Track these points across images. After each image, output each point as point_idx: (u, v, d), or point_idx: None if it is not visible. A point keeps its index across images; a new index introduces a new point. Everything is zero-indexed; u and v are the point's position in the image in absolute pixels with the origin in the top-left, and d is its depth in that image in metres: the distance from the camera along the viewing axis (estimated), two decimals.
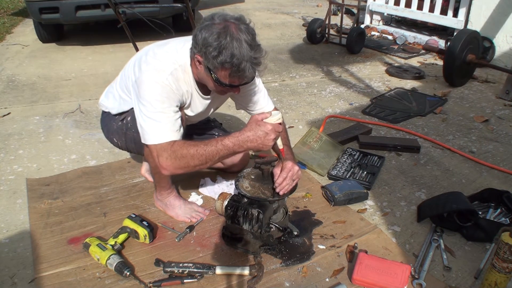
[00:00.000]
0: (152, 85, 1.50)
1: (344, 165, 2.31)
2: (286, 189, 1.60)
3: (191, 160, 1.49)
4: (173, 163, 1.50)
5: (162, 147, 1.50)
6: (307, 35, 4.90)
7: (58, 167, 2.33)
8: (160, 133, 1.50)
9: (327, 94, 3.42)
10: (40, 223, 1.84)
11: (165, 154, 1.49)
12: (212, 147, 1.49)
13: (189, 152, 1.49)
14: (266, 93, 1.87)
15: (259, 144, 1.47)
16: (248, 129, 1.46)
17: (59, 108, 3.14)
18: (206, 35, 1.39)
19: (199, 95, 1.68)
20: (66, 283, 1.52)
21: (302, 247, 1.70)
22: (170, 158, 1.49)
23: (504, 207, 1.88)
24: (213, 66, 1.42)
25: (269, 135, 1.45)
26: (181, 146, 1.50)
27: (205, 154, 1.49)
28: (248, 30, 1.41)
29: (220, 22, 1.40)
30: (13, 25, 5.95)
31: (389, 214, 1.93)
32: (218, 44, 1.37)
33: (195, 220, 1.85)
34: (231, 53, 1.37)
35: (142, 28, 3.17)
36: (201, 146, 1.49)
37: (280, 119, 1.48)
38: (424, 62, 4.27)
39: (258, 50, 1.42)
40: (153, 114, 1.50)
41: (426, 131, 2.77)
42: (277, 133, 1.47)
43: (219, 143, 1.49)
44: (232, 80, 1.46)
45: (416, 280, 1.52)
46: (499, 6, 3.96)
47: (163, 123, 1.50)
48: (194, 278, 1.52)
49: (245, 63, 1.39)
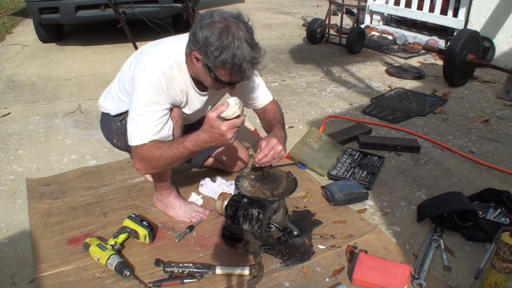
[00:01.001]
0: (141, 86, 1.53)
1: (344, 165, 2.31)
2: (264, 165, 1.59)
3: (157, 162, 1.54)
4: (143, 165, 1.57)
5: (134, 149, 1.56)
6: (307, 35, 4.90)
7: (58, 167, 2.33)
8: (135, 136, 1.54)
9: (327, 94, 3.42)
10: (40, 223, 1.84)
11: (136, 156, 1.57)
12: (174, 150, 1.52)
13: (154, 155, 1.52)
14: (263, 84, 1.88)
15: (218, 143, 1.46)
16: (204, 131, 1.44)
17: (59, 108, 3.14)
18: (207, 34, 1.39)
19: (196, 92, 1.69)
20: (66, 283, 1.52)
21: (302, 247, 1.70)
22: (140, 161, 1.56)
23: (504, 207, 1.88)
24: (213, 65, 1.43)
25: (225, 135, 1.41)
26: (148, 148, 1.53)
27: (168, 156, 1.52)
28: (247, 28, 1.42)
29: (221, 21, 1.40)
30: (13, 25, 5.95)
31: (389, 214, 1.93)
32: (220, 44, 1.37)
33: (195, 220, 1.85)
34: (233, 54, 1.37)
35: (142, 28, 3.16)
36: (164, 149, 1.52)
37: (237, 111, 1.38)
38: (424, 62, 4.27)
39: (257, 50, 1.43)
40: (136, 116, 1.55)
41: (426, 131, 2.77)
42: (235, 130, 1.42)
43: (180, 146, 1.51)
44: (231, 79, 1.48)
45: (416, 280, 1.52)
46: (499, 6, 3.96)
47: (141, 126, 1.53)
48: (194, 278, 1.52)
49: (246, 64, 1.40)
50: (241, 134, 2.68)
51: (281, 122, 1.84)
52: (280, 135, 1.67)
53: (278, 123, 1.80)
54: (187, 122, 1.84)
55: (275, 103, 1.93)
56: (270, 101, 1.91)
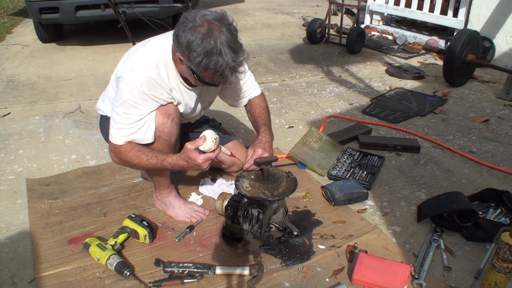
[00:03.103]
0: (122, 88, 1.57)
1: (344, 165, 2.31)
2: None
3: (131, 164, 1.67)
4: (117, 159, 1.69)
5: (111, 145, 1.66)
6: (307, 35, 4.90)
7: (58, 167, 2.33)
8: (113, 133, 1.63)
9: (327, 94, 3.42)
10: (40, 223, 1.84)
11: (112, 150, 1.68)
12: (152, 162, 1.60)
13: (132, 160, 1.63)
14: (251, 78, 1.95)
15: (195, 169, 1.61)
16: (182, 159, 1.54)
17: (59, 108, 3.14)
18: (190, 39, 1.39)
19: (185, 87, 1.70)
20: (66, 283, 1.52)
21: (302, 247, 1.70)
22: (115, 155, 1.68)
23: (504, 207, 1.88)
24: (196, 69, 1.46)
25: (200, 166, 1.52)
26: (126, 150, 1.62)
27: (144, 165, 1.63)
28: (230, 31, 1.42)
29: (203, 24, 1.39)
30: (13, 25, 5.95)
31: (389, 214, 1.93)
32: (202, 50, 1.38)
33: (195, 220, 1.85)
34: (215, 61, 1.39)
35: (142, 28, 3.16)
36: (142, 158, 1.61)
37: (213, 147, 1.49)
38: (424, 62, 4.27)
39: (240, 52, 1.45)
40: (114, 114, 1.61)
41: (426, 131, 2.77)
42: (209, 162, 1.53)
43: (159, 162, 1.59)
44: (213, 81, 1.52)
45: (416, 280, 1.52)
46: (499, 6, 3.96)
47: (117, 126, 1.60)
48: (194, 278, 1.52)
49: (228, 70, 1.43)
50: (241, 134, 2.68)
51: (267, 121, 1.92)
52: (266, 139, 1.81)
53: (264, 124, 1.89)
54: (185, 121, 1.84)
55: (262, 97, 2.00)
56: (257, 96, 1.97)
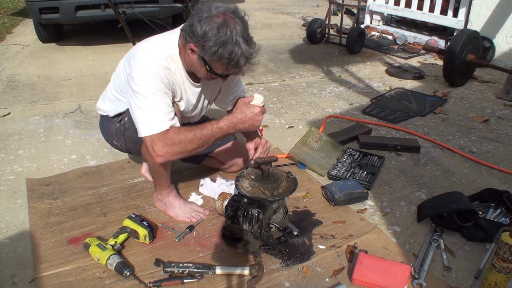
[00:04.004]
0: (143, 77, 1.53)
1: (344, 165, 2.31)
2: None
3: (189, 144, 1.56)
4: (169, 150, 1.53)
5: (156, 137, 1.52)
6: (307, 35, 4.90)
7: (58, 167, 2.33)
8: (153, 124, 1.52)
9: (327, 94, 3.42)
10: (40, 223, 1.84)
11: (160, 143, 1.52)
12: (208, 130, 1.58)
13: (187, 137, 1.55)
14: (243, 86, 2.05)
15: (250, 125, 1.66)
16: (239, 112, 1.64)
17: (59, 108, 3.14)
18: (206, 28, 1.42)
19: (190, 83, 1.70)
20: (66, 283, 1.52)
21: (302, 247, 1.70)
22: (167, 146, 1.52)
23: (504, 207, 1.88)
24: (210, 59, 1.47)
25: (258, 115, 1.66)
26: (177, 132, 1.54)
27: (202, 137, 1.57)
28: (243, 23, 1.47)
29: (219, 15, 1.44)
30: (13, 25, 5.95)
31: (389, 214, 1.93)
32: (218, 40, 1.41)
33: (195, 220, 1.85)
34: (230, 50, 1.43)
35: (142, 28, 3.16)
36: (197, 130, 1.57)
37: (263, 101, 1.71)
38: (424, 62, 4.27)
39: (252, 44, 1.49)
40: (146, 106, 1.53)
41: (426, 131, 2.77)
42: (262, 116, 1.69)
43: (214, 126, 1.59)
44: (227, 72, 1.53)
45: (416, 280, 1.52)
46: (499, 6, 3.96)
47: (156, 114, 1.53)
48: (194, 278, 1.52)
49: (243, 60, 1.46)
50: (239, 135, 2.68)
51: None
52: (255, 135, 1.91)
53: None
54: (185, 121, 1.84)
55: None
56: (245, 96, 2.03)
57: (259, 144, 1.86)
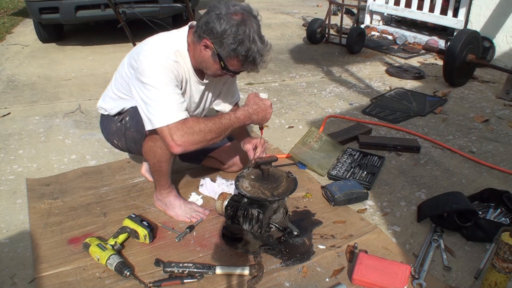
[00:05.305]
0: (153, 69, 1.53)
1: (344, 165, 2.31)
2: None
3: (208, 133, 1.55)
4: (189, 139, 1.52)
5: (175, 126, 1.50)
6: (307, 35, 4.90)
7: (58, 167, 2.33)
8: (170, 113, 1.51)
9: (327, 94, 3.42)
10: (40, 223, 1.84)
11: (180, 132, 1.50)
12: (226, 120, 1.61)
13: (207, 126, 1.55)
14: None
15: (262, 116, 1.70)
16: (253, 103, 1.69)
17: (59, 108, 3.14)
18: (225, 26, 1.46)
19: (196, 79, 1.71)
20: (66, 283, 1.52)
21: (302, 247, 1.70)
22: (187, 135, 1.51)
23: (504, 207, 1.88)
24: (227, 55, 1.51)
25: (270, 108, 1.71)
26: (196, 121, 1.55)
27: (221, 127, 1.59)
28: (257, 23, 1.52)
29: (237, 13, 1.48)
30: (13, 25, 5.95)
31: (389, 214, 1.93)
32: (237, 37, 1.47)
33: (195, 220, 1.85)
34: (248, 47, 1.48)
35: (142, 28, 3.16)
36: (216, 119, 1.59)
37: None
38: (424, 62, 4.27)
39: (266, 43, 1.54)
40: (160, 97, 1.52)
41: (426, 131, 2.77)
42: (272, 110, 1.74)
43: (232, 116, 1.63)
44: (241, 69, 1.59)
45: (416, 280, 1.52)
46: (499, 6, 3.96)
47: (171, 104, 1.52)
48: (194, 278, 1.52)
49: (259, 58, 1.52)
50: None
51: None
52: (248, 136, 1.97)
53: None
54: None
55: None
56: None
57: (258, 144, 1.88)
